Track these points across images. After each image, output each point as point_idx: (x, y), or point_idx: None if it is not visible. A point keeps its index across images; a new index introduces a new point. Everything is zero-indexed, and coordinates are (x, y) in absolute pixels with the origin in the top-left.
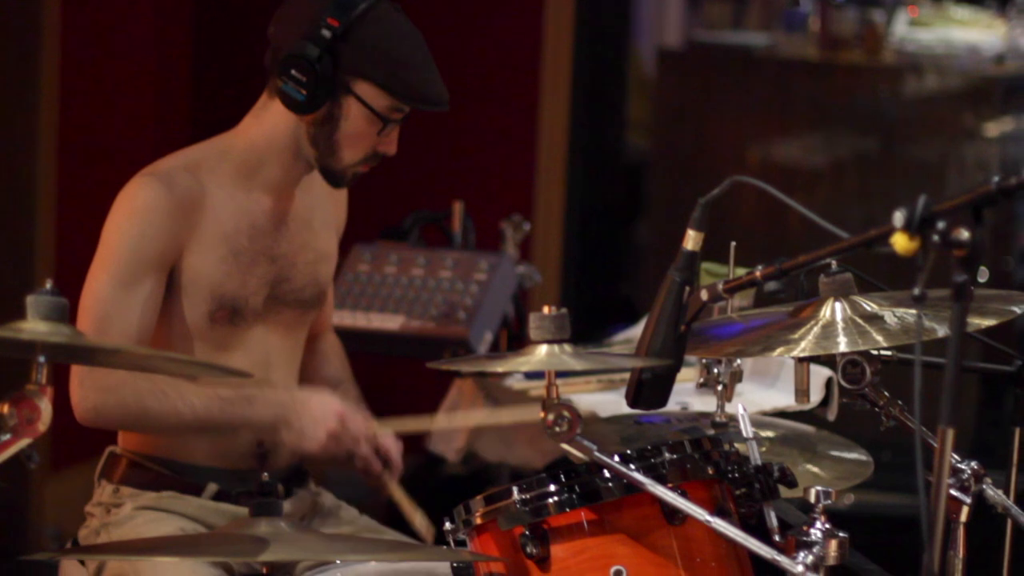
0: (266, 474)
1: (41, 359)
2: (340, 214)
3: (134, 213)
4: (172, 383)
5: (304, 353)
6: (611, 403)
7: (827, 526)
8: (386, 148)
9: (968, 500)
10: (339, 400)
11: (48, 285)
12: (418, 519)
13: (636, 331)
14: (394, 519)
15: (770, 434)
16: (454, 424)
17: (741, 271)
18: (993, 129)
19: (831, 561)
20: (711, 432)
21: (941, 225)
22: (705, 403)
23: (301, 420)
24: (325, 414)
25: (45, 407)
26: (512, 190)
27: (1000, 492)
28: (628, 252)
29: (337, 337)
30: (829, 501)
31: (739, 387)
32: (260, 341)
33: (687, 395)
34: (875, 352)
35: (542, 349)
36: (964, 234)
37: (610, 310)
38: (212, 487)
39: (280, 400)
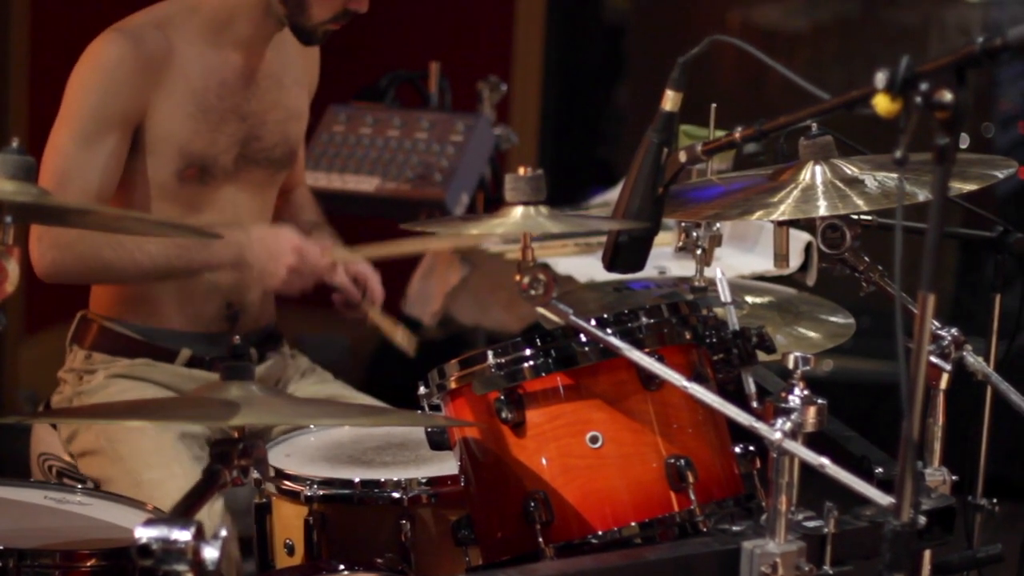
0: (237, 337)
1: (8, 219)
2: (312, 72)
3: (99, 69)
4: (135, 241)
5: (277, 205)
6: (588, 267)
7: (805, 392)
8: (357, 5)
9: (948, 367)
10: (295, 234)
11: (15, 143)
12: (399, 335)
13: (614, 194)
14: (369, 383)
15: (752, 299)
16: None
17: (720, 134)
18: None
19: (809, 428)
20: (690, 297)
21: (924, 86)
22: (683, 268)
23: (258, 258)
24: (281, 249)
25: (12, 268)
26: (489, 50)
27: (980, 359)
28: (607, 114)
29: (309, 190)
30: (808, 367)
31: (717, 252)
32: (230, 201)
33: (665, 259)
34: (855, 217)
35: (517, 211)
36: (947, 96)
37: (588, 173)
38: (185, 352)
39: (236, 240)
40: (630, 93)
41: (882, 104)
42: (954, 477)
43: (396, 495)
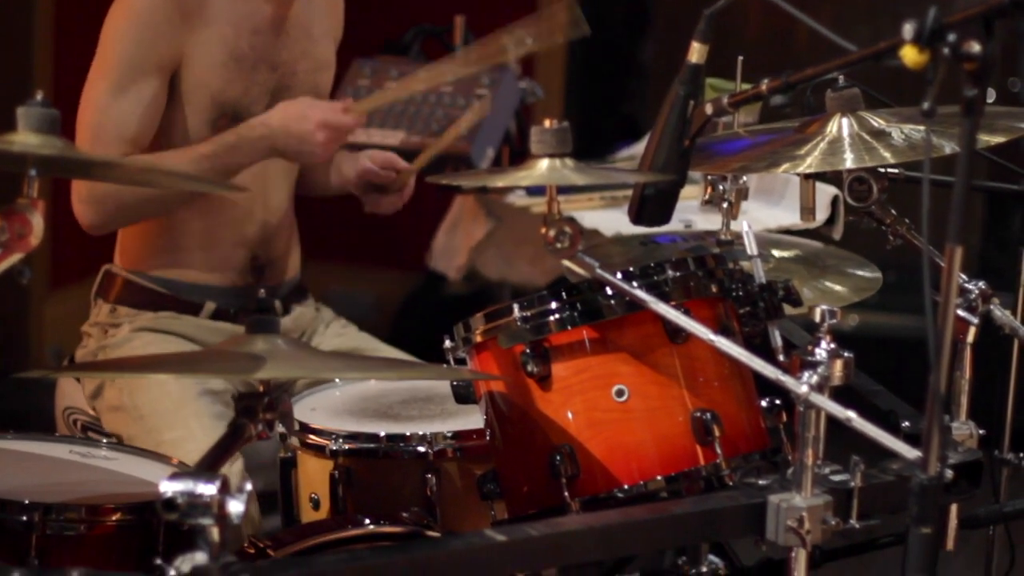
0: (263, 290)
1: (32, 172)
2: (337, 23)
3: (132, 16)
4: (154, 163)
5: None
6: (614, 220)
7: (832, 346)
8: None
9: (975, 320)
10: (314, 106)
11: (39, 96)
12: (453, 131)
13: (639, 149)
14: (394, 338)
15: (778, 253)
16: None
17: (747, 87)
18: None
19: (836, 381)
20: (716, 250)
21: (952, 37)
22: (709, 221)
23: (288, 145)
24: (309, 129)
25: (37, 221)
26: (515, 4)
27: (1007, 313)
28: (632, 69)
29: None
30: (834, 320)
31: (744, 205)
32: None
33: (691, 212)
34: (882, 169)
35: (543, 163)
36: (975, 47)
37: (613, 128)
38: (210, 305)
39: (261, 135)
40: (655, 47)
41: (910, 55)
42: (981, 431)
43: (421, 449)
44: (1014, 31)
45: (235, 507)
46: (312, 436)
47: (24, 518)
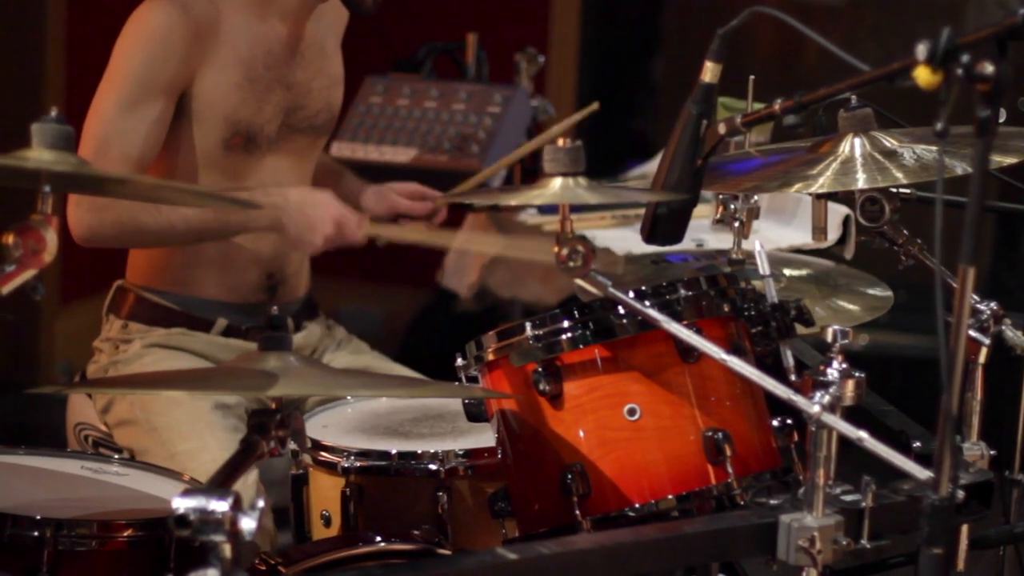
0: (275, 308)
1: (46, 188)
2: (342, 30)
3: (146, 35)
4: (166, 182)
5: None
6: (625, 239)
7: (844, 366)
8: None
9: (987, 341)
10: (334, 202)
11: (54, 113)
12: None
13: (651, 167)
14: (403, 355)
15: (790, 272)
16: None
17: (758, 106)
18: None
19: (848, 401)
20: (727, 269)
21: (965, 58)
22: (721, 240)
23: (296, 225)
24: (320, 218)
25: (51, 237)
26: (527, 22)
27: (1019, 333)
28: (643, 87)
29: None
30: (846, 340)
31: (755, 224)
32: (272, 169)
33: (703, 232)
34: (894, 190)
35: (556, 182)
36: (988, 68)
37: (623, 146)
38: (222, 322)
39: (274, 204)
40: (666, 65)
41: (923, 76)
42: (992, 452)
43: (433, 467)
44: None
45: (247, 524)
46: (324, 453)
47: (36, 534)
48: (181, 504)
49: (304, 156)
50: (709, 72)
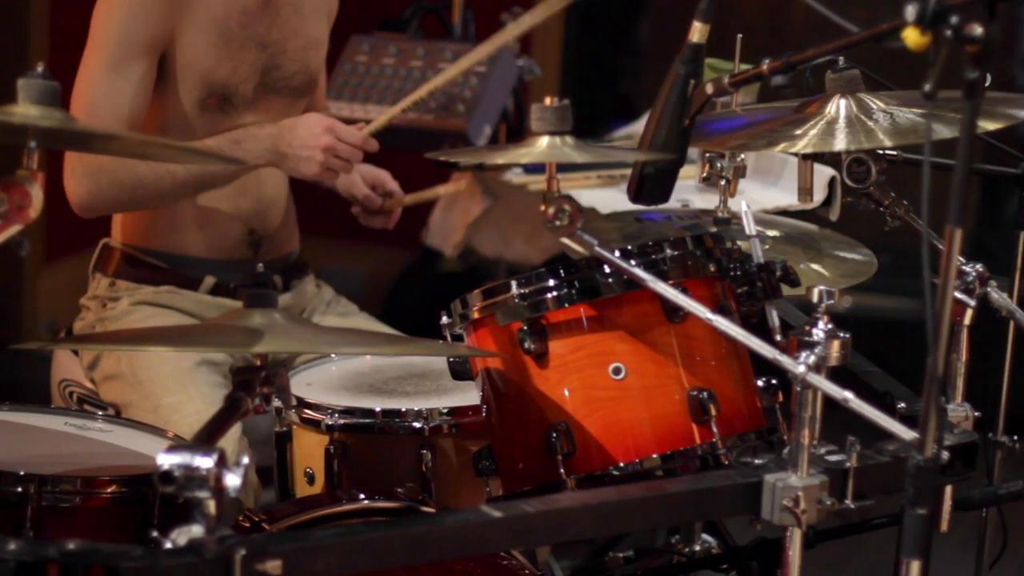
0: (261, 264)
1: (32, 144)
2: (332, 1)
3: None
4: (154, 138)
5: None
6: (611, 199)
7: (830, 326)
8: None
9: (972, 303)
10: (323, 116)
11: (40, 68)
12: (442, 189)
13: (636, 128)
14: (387, 315)
15: (773, 233)
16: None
17: (745, 67)
18: None
19: (833, 362)
20: (713, 229)
21: (954, 19)
22: (706, 201)
23: (292, 146)
24: (314, 131)
25: (36, 193)
26: None
27: (1004, 295)
28: (629, 48)
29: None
30: (832, 301)
31: (741, 185)
32: None
33: (688, 192)
34: (881, 151)
35: (543, 141)
36: (978, 29)
37: (609, 107)
38: (209, 280)
39: (268, 132)
40: (651, 26)
41: (912, 37)
42: (976, 413)
43: (417, 425)
44: (1012, 17)
45: (232, 480)
46: (308, 411)
47: (19, 489)
48: (166, 460)
49: (282, 117)
50: (697, 32)
